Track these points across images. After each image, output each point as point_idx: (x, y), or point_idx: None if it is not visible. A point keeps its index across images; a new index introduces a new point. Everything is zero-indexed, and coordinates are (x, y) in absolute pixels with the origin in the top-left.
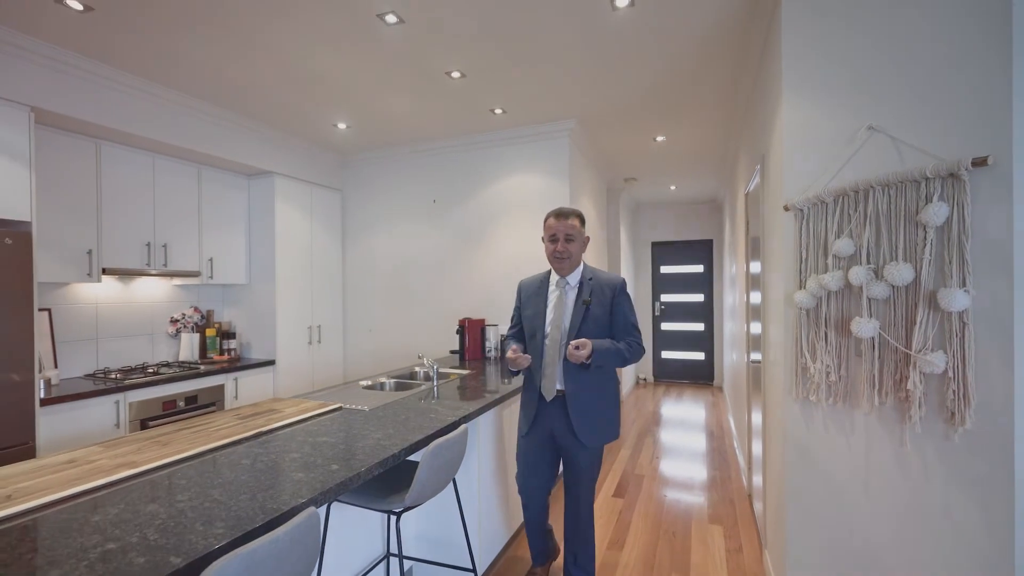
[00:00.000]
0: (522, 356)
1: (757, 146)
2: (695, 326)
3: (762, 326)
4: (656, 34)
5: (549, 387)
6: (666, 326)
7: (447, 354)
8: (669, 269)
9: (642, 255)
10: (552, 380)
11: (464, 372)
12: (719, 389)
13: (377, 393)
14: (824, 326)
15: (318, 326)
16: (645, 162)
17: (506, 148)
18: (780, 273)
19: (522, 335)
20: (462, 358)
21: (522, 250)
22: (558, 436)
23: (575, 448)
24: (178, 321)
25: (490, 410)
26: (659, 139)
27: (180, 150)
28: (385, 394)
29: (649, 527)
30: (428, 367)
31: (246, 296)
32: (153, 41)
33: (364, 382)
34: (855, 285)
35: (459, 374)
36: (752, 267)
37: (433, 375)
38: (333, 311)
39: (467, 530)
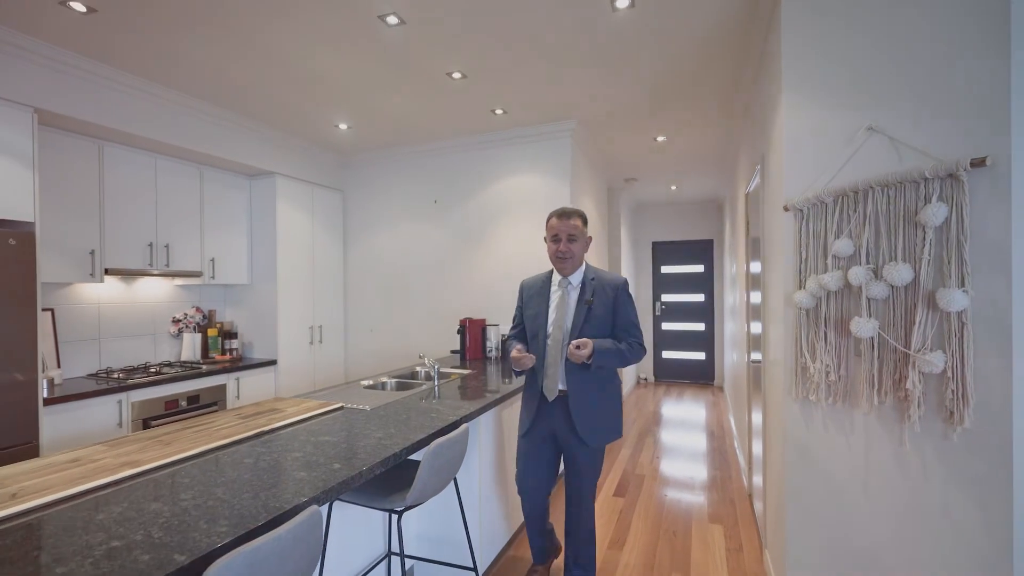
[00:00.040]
0: (526, 356)
1: (757, 146)
2: (696, 326)
3: (762, 326)
4: (656, 35)
5: (551, 387)
6: (667, 326)
7: (448, 354)
8: (670, 269)
9: (643, 255)
10: (554, 380)
11: (465, 372)
12: (720, 389)
13: (378, 393)
14: (824, 326)
15: (319, 326)
16: (646, 162)
17: (507, 148)
18: (780, 273)
19: (524, 335)
20: (463, 358)
21: (523, 250)
22: (559, 436)
23: (577, 447)
24: (180, 321)
25: (491, 410)
26: (660, 139)
27: (182, 150)
28: (386, 394)
29: (649, 526)
30: (429, 367)
31: (248, 296)
32: (155, 42)
33: (365, 382)
34: (854, 285)
35: (460, 374)
36: (752, 267)
37: (434, 375)
38: (334, 311)
39: (468, 529)
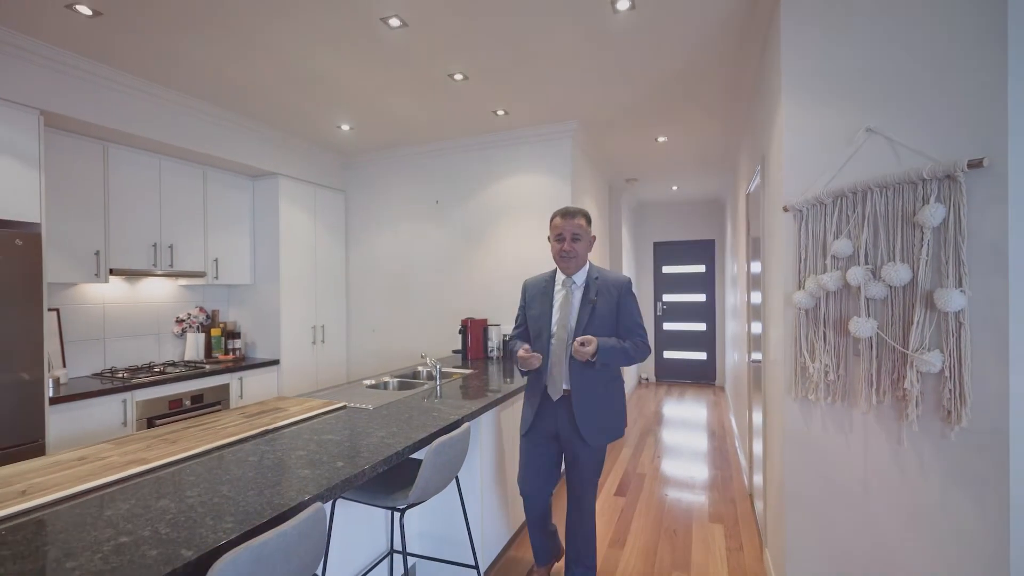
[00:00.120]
0: (533, 356)
1: (757, 147)
2: (697, 326)
3: (762, 326)
4: (657, 36)
5: (556, 387)
6: (668, 326)
7: (450, 354)
8: (671, 269)
9: (644, 255)
10: (559, 380)
11: (467, 371)
12: (721, 389)
13: (381, 392)
14: (823, 326)
15: (322, 326)
16: (647, 162)
17: (508, 149)
18: (780, 273)
19: (527, 335)
20: (464, 358)
21: (524, 250)
22: (562, 435)
23: (579, 447)
24: (184, 321)
25: (492, 409)
26: (661, 140)
27: (186, 151)
28: (388, 393)
29: (650, 526)
30: (431, 366)
31: (251, 296)
32: (159, 44)
33: (368, 381)
34: (853, 285)
35: (462, 373)
36: (753, 267)
37: (436, 374)
38: (337, 311)
39: (469, 527)
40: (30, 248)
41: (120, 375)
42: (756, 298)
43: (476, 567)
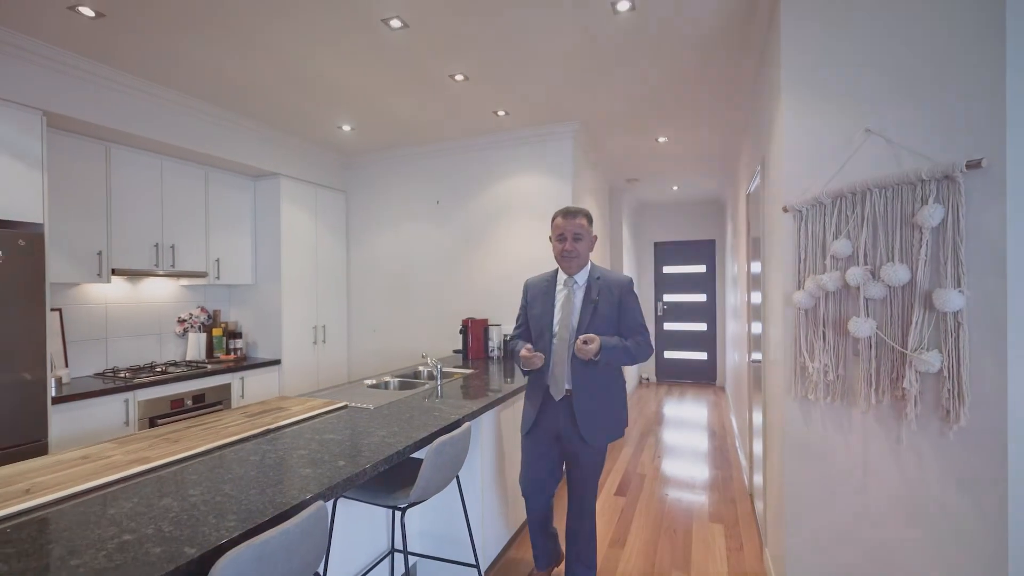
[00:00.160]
0: (536, 355)
1: (758, 147)
2: (698, 326)
3: (762, 326)
4: (656, 37)
5: (558, 387)
6: (669, 326)
7: (450, 353)
8: (672, 269)
9: (645, 255)
10: (561, 380)
11: (467, 371)
12: (721, 389)
13: (382, 392)
14: (822, 326)
15: (323, 326)
16: (647, 163)
17: (509, 149)
18: (780, 273)
19: (528, 334)
20: (465, 357)
21: (525, 251)
22: (563, 434)
23: (580, 446)
24: (185, 321)
25: (493, 409)
26: (661, 140)
27: (187, 152)
28: (389, 393)
29: (650, 525)
30: (432, 366)
31: (252, 296)
32: (161, 45)
33: (369, 381)
34: (852, 285)
35: (462, 373)
36: (753, 267)
37: (437, 374)
38: (338, 311)
39: (470, 526)
40: (33, 248)
41: (122, 375)
42: (756, 298)
43: (477, 566)
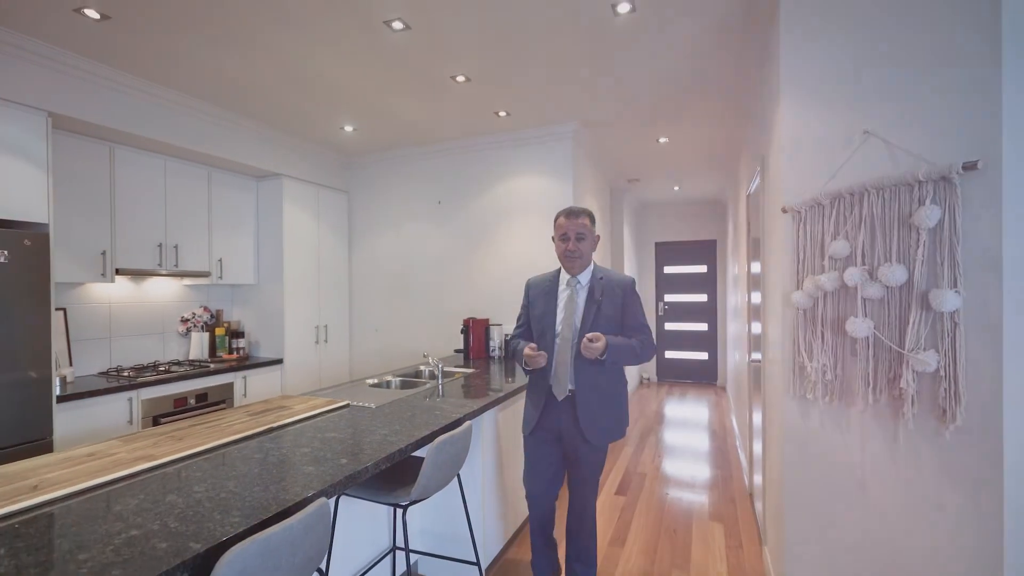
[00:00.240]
0: (540, 354)
1: (757, 148)
2: (699, 326)
3: (762, 326)
4: (657, 38)
5: (561, 386)
6: (670, 326)
7: (452, 353)
8: (673, 269)
9: (646, 255)
10: (564, 379)
11: (468, 371)
12: (722, 389)
13: (383, 391)
14: (821, 326)
15: (325, 325)
16: (648, 163)
17: (510, 150)
18: (778, 274)
19: (529, 334)
20: (466, 357)
21: (526, 251)
22: (565, 434)
23: (581, 446)
24: (188, 320)
25: (494, 408)
26: (662, 140)
27: (190, 152)
28: (391, 392)
29: (650, 524)
30: (433, 366)
31: (254, 296)
32: (165, 47)
33: (370, 380)
34: (850, 286)
35: (463, 373)
36: (753, 268)
37: (438, 374)
38: (339, 311)
39: (471, 524)
40: (38, 248)
41: (126, 374)
42: (756, 298)
43: (477, 564)
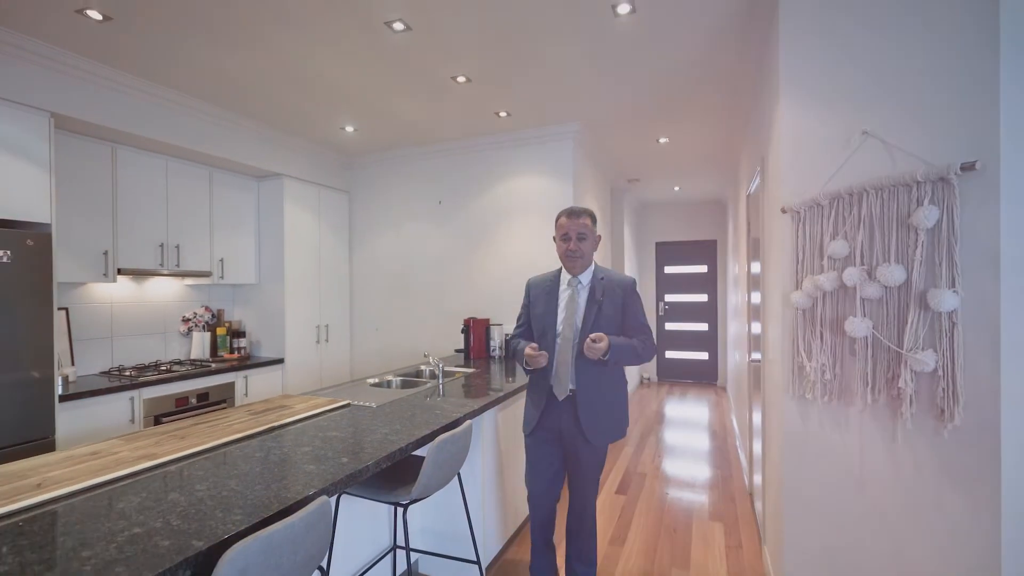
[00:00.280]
0: (541, 354)
1: (757, 148)
2: (699, 326)
3: (761, 326)
4: (657, 40)
5: (562, 386)
6: (670, 326)
7: (452, 353)
8: (673, 269)
9: (646, 255)
10: (565, 379)
11: (469, 370)
12: (722, 389)
13: (384, 390)
14: (819, 325)
15: (326, 325)
16: (649, 163)
17: (511, 150)
18: (778, 274)
19: (529, 333)
20: (467, 357)
21: (526, 251)
22: (565, 434)
23: (582, 446)
24: (190, 320)
25: (494, 407)
26: (662, 141)
27: (192, 153)
28: (392, 391)
29: (650, 524)
30: (433, 365)
31: (256, 296)
32: (168, 48)
33: (371, 380)
34: (849, 286)
35: (464, 372)
36: (753, 268)
37: (438, 373)
38: (340, 311)
39: (471, 523)
40: (41, 248)
41: (127, 373)
42: (756, 298)
43: (478, 562)
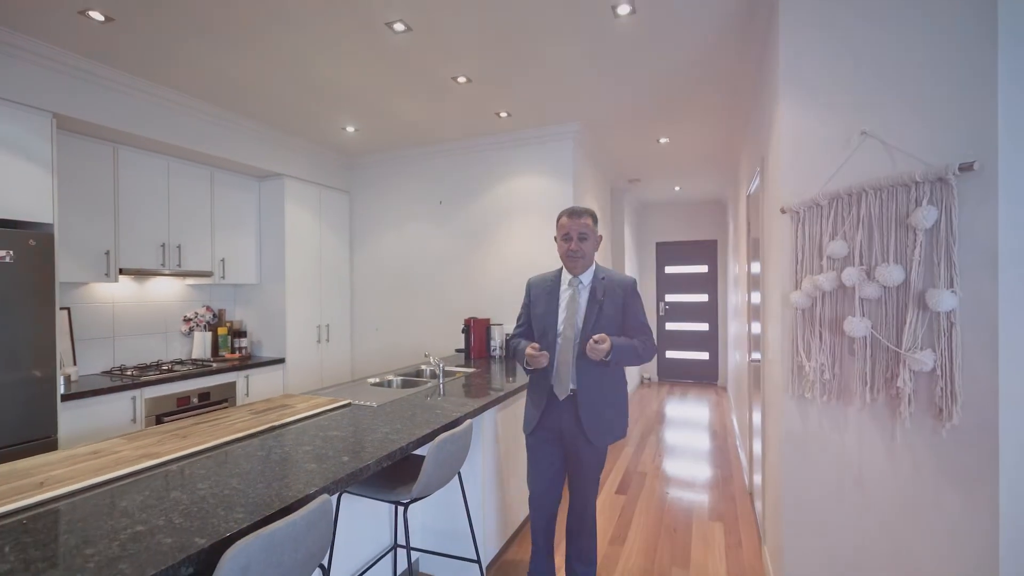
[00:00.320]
0: (542, 354)
1: (757, 149)
2: (699, 326)
3: (761, 326)
4: (657, 40)
5: (562, 386)
6: (671, 326)
7: (453, 353)
8: (674, 269)
9: (647, 255)
10: (566, 379)
11: (469, 370)
12: (723, 389)
13: (385, 390)
14: (819, 325)
15: (326, 325)
16: (649, 163)
17: (511, 150)
18: (777, 274)
19: (530, 333)
20: (467, 357)
21: (527, 251)
22: (566, 434)
23: (582, 446)
24: (191, 320)
25: (494, 407)
26: (662, 141)
27: (193, 153)
28: (392, 391)
29: (651, 523)
30: (434, 365)
31: (257, 296)
32: (169, 49)
33: (372, 379)
34: (848, 286)
35: (464, 372)
36: (753, 268)
37: (439, 373)
38: (341, 310)
39: (472, 522)
40: (43, 248)
41: (129, 373)
42: (756, 298)
43: (478, 561)
